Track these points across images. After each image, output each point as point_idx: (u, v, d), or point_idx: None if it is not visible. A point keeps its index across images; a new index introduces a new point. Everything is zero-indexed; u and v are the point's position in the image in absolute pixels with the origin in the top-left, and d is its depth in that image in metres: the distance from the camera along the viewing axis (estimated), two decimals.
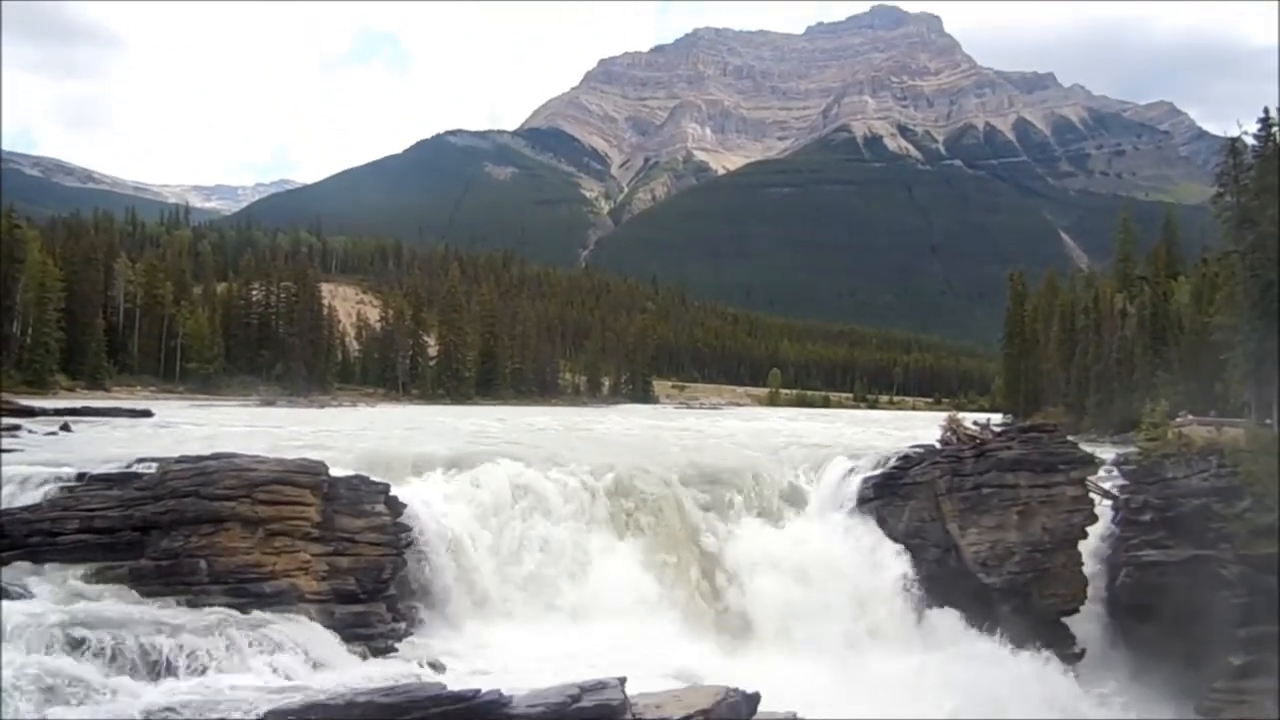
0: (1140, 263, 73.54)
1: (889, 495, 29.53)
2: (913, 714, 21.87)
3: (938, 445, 31.66)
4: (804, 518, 29.21)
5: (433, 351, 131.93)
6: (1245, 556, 26.58)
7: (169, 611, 17.35)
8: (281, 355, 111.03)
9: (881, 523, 28.97)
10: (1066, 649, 27.69)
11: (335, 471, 21.58)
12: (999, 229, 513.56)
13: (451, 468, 26.09)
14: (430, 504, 23.29)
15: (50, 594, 17.60)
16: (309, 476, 20.47)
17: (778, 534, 27.99)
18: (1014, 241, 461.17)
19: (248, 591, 18.67)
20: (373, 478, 22.33)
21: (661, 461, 29.96)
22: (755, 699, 17.86)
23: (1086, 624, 28.43)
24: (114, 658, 15.33)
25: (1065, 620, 28.09)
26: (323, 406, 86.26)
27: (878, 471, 30.30)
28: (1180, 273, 67.32)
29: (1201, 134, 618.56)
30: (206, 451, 21.46)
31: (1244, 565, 26.36)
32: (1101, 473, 31.88)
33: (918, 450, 31.31)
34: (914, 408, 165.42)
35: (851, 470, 30.77)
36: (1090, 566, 28.93)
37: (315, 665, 17.05)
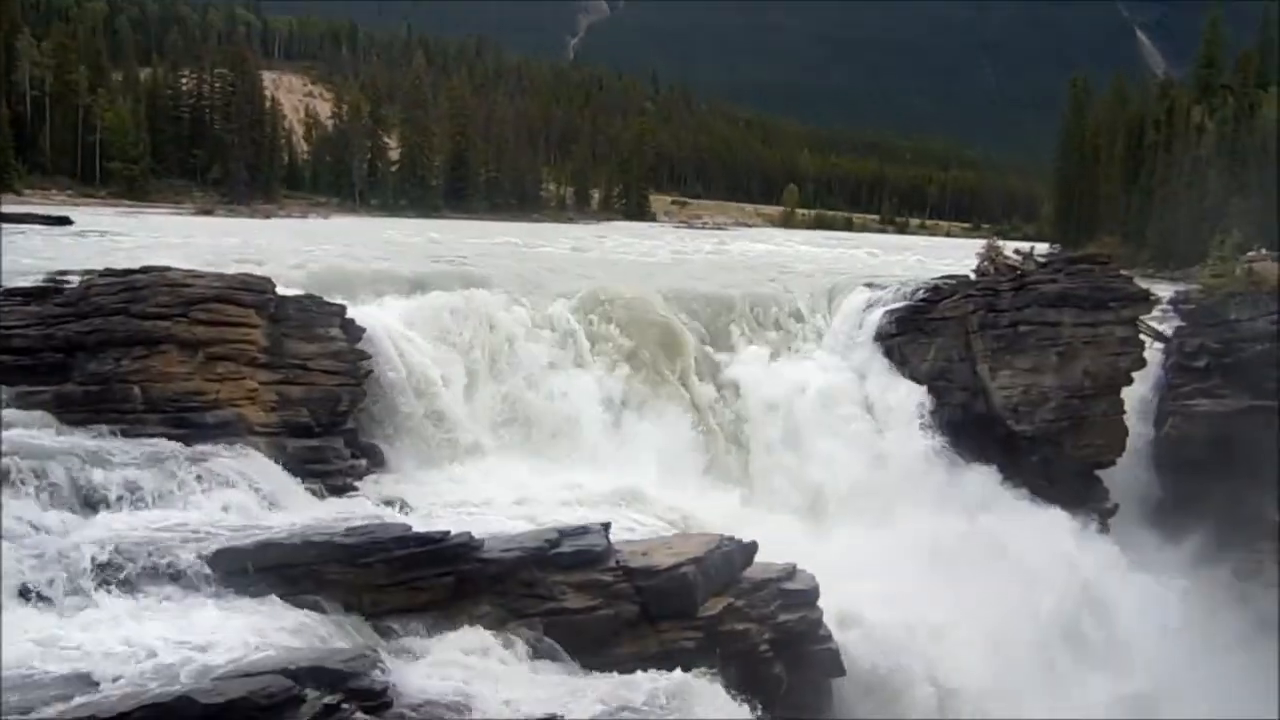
0: (1227, 71, 71.68)
1: (913, 331, 29.83)
2: (928, 575, 22.88)
3: (972, 276, 31.77)
4: (817, 353, 29.62)
5: (394, 155, 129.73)
6: None
7: (101, 442, 17.66)
8: (218, 156, 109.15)
9: (903, 362, 29.41)
10: (1100, 504, 28.73)
11: (284, 290, 21.59)
12: (1065, 25, 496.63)
13: (416, 289, 26.15)
14: (393, 329, 23.45)
15: None
16: (253, 295, 20.48)
17: (786, 370, 28.44)
18: (1082, 41, 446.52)
19: (188, 422, 18.98)
20: (327, 298, 22.39)
21: (655, 287, 30.03)
22: (751, 548, 18.68)
23: (1123, 478, 29.35)
24: (41, 491, 15.67)
25: (1100, 473, 28.99)
26: (268, 217, 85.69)
27: (901, 304, 30.48)
28: (1273, 82, 65.72)
29: None
30: (135, 265, 21.37)
31: None
32: (1156, 312, 32.21)
33: (948, 281, 31.42)
34: (949, 233, 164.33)
35: (872, 302, 30.97)
36: (1133, 416, 29.60)
37: (267, 503, 17.57)
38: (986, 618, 21.72)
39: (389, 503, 19.77)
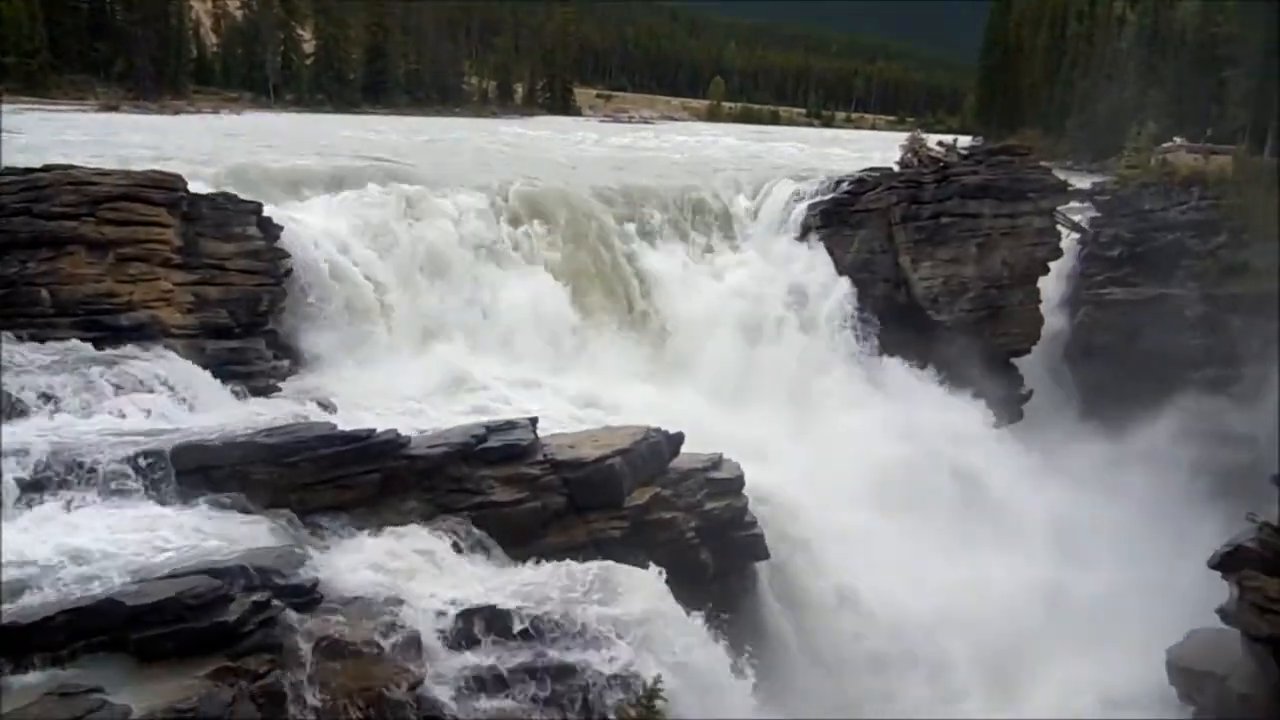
0: None
1: (837, 224, 30.09)
2: (849, 464, 23.54)
3: (896, 168, 31.98)
4: (742, 247, 29.75)
5: (309, 48, 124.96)
6: (1212, 296, 28.24)
7: (10, 347, 17.21)
8: (122, 49, 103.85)
9: (827, 253, 29.67)
10: (1015, 391, 29.66)
11: (196, 188, 21.01)
12: None
13: (335, 187, 25.55)
14: (311, 227, 22.98)
15: None
16: (164, 193, 19.90)
17: (711, 263, 28.57)
18: None
19: (102, 325, 18.55)
20: (242, 196, 21.82)
21: (579, 180, 29.75)
22: (678, 439, 18.98)
23: (1037, 365, 30.24)
24: None
25: (1015, 361, 29.83)
26: (177, 113, 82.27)
27: (826, 197, 30.68)
28: None
29: None
30: (37, 163, 20.57)
31: (1209, 305, 28.03)
32: (1073, 203, 32.82)
33: (872, 174, 31.62)
34: (874, 126, 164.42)
35: (797, 194, 31.06)
36: (1048, 305, 30.38)
37: (188, 406, 17.33)
38: (894, 501, 22.52)
39: (315, 403, 19.62)
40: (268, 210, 21.96)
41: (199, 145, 38.79)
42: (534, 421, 17.75)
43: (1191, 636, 19.95)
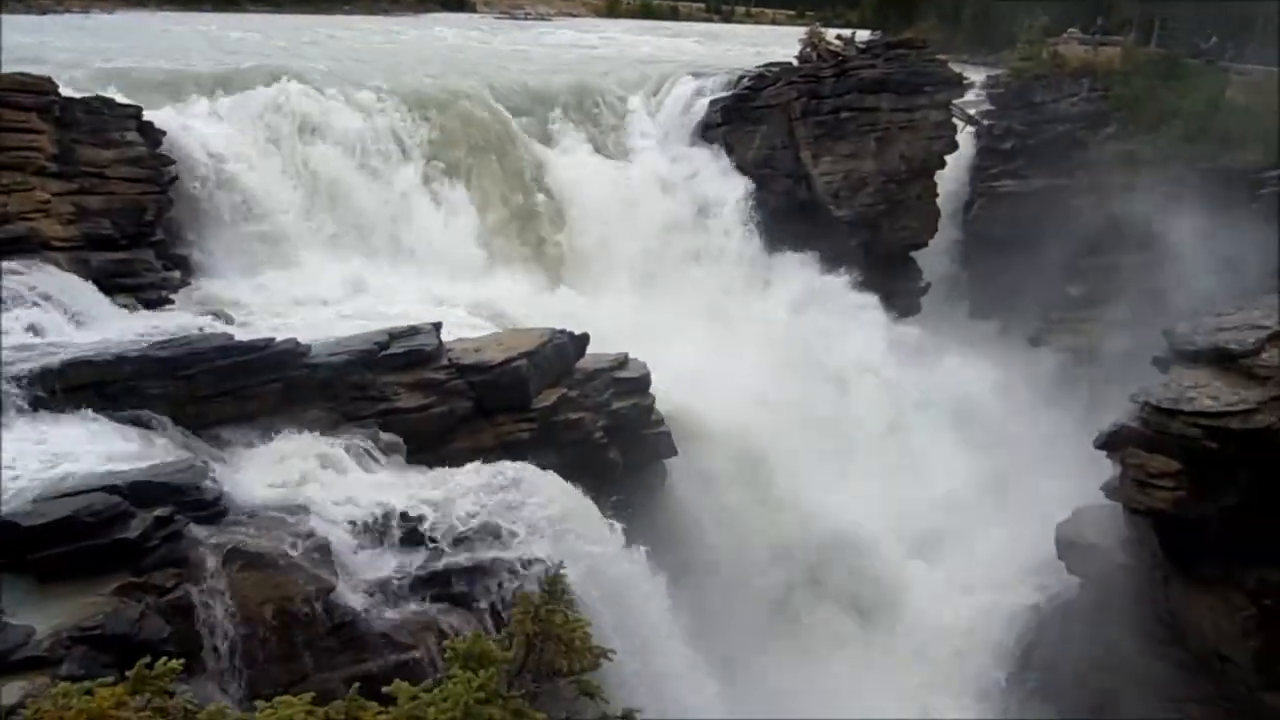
0: None
1: (738, 120, 29.95)
2: (755, 360, 23.88)
3: (795, 63, 31.81)
4: (643, 145, 29.44)
5: None
6: (1100, 186, 28.95)
7: None
8: None
9: (729, 151, 29.61)
10: (913, 284, 30.26)
11: (68, 91, 19.90)
12: None
13: (218, 89, 24.41)
14: (195, 132, 22.02)
15: None
16: (33, 96, 18.81)
17: (614, 163, 28.27)
18: None
19: None
20: (119, 99, 20.76)
21: (477, 80, 28.92)
22: (583, 340, 18.99)
23: (934, 258, 30.84)
24: None
25: (914, 254, 30.36)
26: (44, 12, 77.51)
27: (727, 93, 30.44)
28: None
29: None
30: None
31: (1096, 194, 28.76)
32: (969, 96, 33.13)
33: (772, 69, 31.43)
34: (774, 22, 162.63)
35: (697, 92, 30.77)
36: (944, 198, 30.85)
37: (75, 320, 16.68)
38: (796, 392, 23.02)
39: (210, 314, 19.02)
40: (148, 114, 20.96)
41: (70, 45, 36.62)
42: (437, 327, 17.55)
43: (1078, 512, 20.96)
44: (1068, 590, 20.68)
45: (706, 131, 29.80)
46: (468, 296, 21.59)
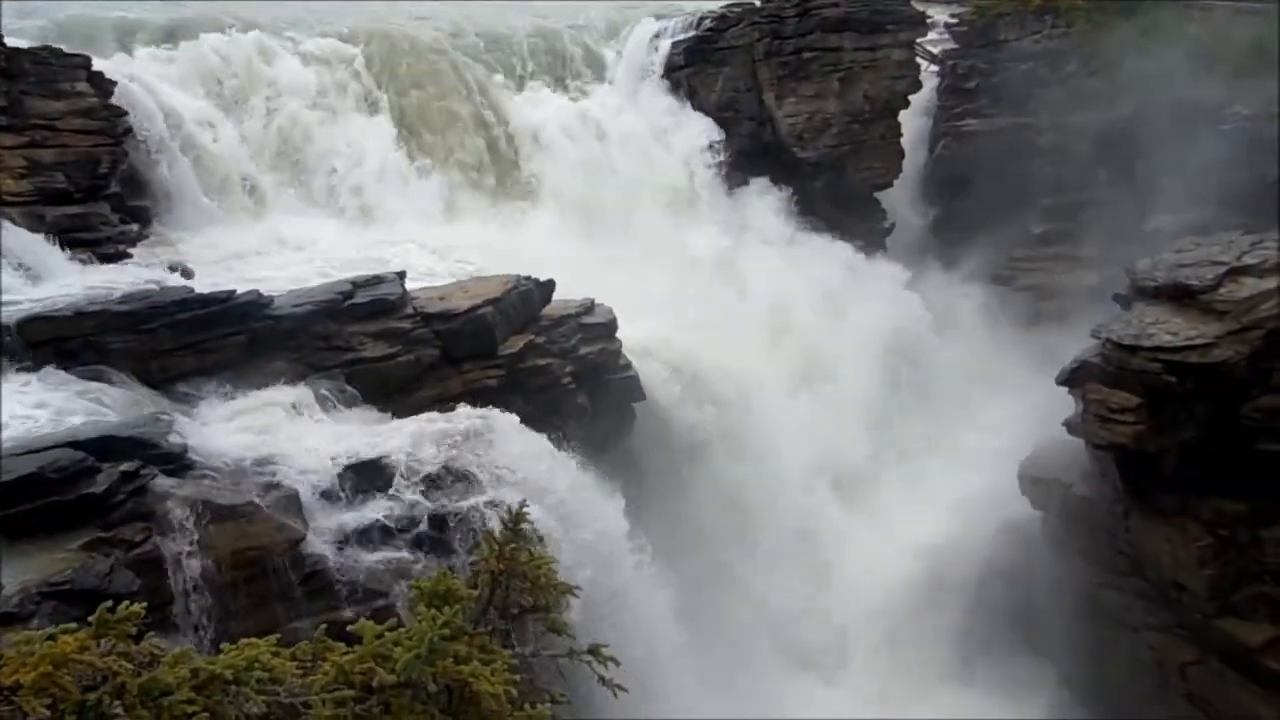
0: None
1: (701, 62, 29.66)
2: (719, 300, 23.96)
3: (757, 3, 31.48)
4: (606, 90, 29.18)
5: None
6: (1061, 124, 29.00)
7: None
8: None
9: (692, 93, 29.38)
10: (878, 224, 30.33)
11: (12, 41, 19.44)
12: None
13: (170, 37, 23.88)
14: (146, 81, 21.58)
15: None
16: None
17: (576, 107, 28.01)
18: None
19: None
20: (66, 49, 20.30)
21: (433, 24, 28.43)
22: (549, 286, 18.97)
23: (900, 198, 30.90)
24: None
25: (879, 195, 30.39)
26: None
27: (689, 35, 30.09)
28: None
29: None
30: None
31: (1059, 133, 28.82)
32: (933, 35, 32.98)
33: (734, 10, 31.04)
34: None
35: (659, 33, 30.42)
36: (909, 138, 30.83)
37: (31, 276, 16.44)
38: (762, 335, 23.20)
39: (169, 268, 18.81)
40: (98, 65, 20.51)
41: None
42: (401, 275, 17.45)
43: (1040, 448, 21.31)
44: (1030, 524, 21.09)
45: (669, 74, 29.52)
46: (430, 243, 21.44)
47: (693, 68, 29.59)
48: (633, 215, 26.59)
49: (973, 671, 21.12)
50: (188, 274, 18.47)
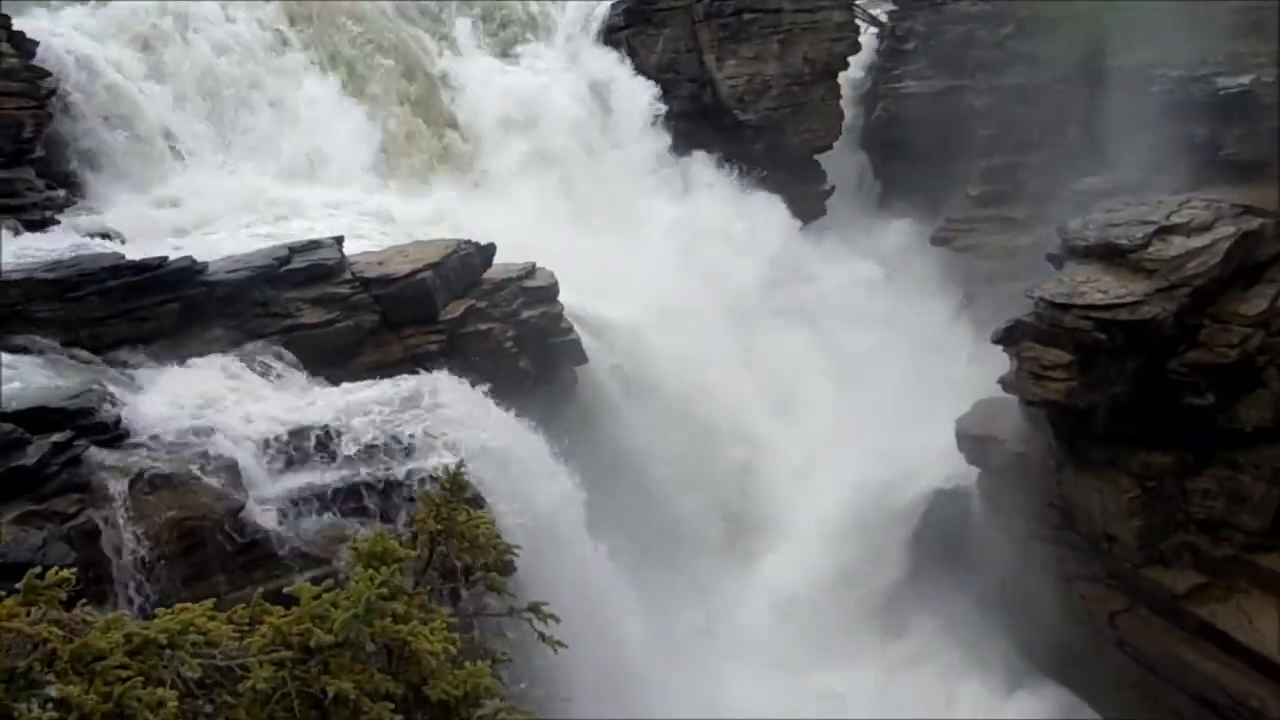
0: None
1: (641, 23, 29.39)
2: (654, 259, 23.98)
3: None
4: (544, 49, 28.85)
5: None
6: (998, 86, 29.24)
7: None
8: None
9: (632, 54, 29.16)
10: (818, 187, 30.47)
11: None
12: None
13: None
14: (69, 40, 20.94)
15: None
16: None
17: (515, 68, 27.72)
18: None
19: None
20: None
21: None
22: (490, 250, 18.88)
23: (839, 161, 31.05)
24: None
25: (818, 157, 30.51)
26: None
27: None
28: None
29: None
30: None
31: (995, 95, 29.07)
32: None
33: None
34: None
35: None
36: (848, 100, 30.94)
37: None
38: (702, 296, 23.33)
39: (99, 234, 18.35)
40: (19, 24, 19.86)
41: None
42: (339, 240, 17.25)
43: (977, 406, 21.72)
44: (966, 480, 21.54)
45: (609, 35, 29.26)
46: (369, 209, 21.16)
47: (633, 29, 29.34)
48: (574, 179, 26.43)
49: (908, 623, 21.69)
50: (118, 240, 18.06)
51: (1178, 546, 18.91)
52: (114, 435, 12.81)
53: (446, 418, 14.40)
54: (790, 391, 24.12)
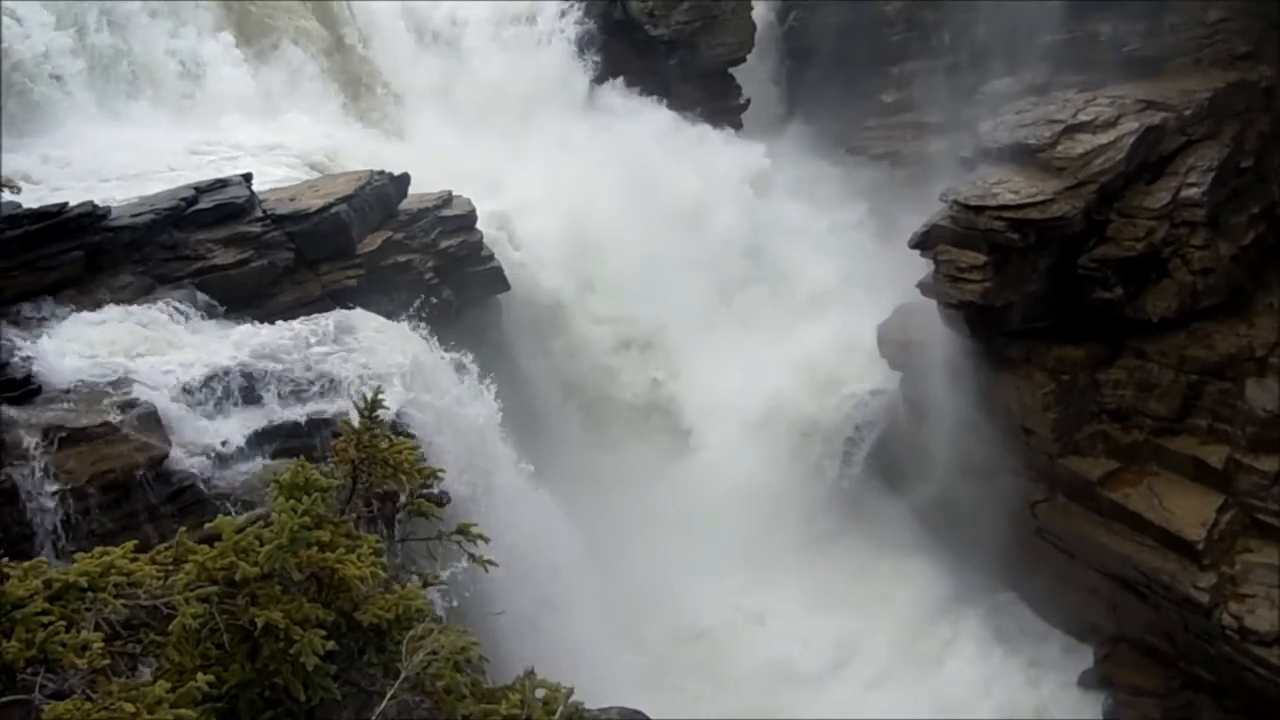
0: None
1: None
2: (575, 179, 23.73)
3: None
4: None
5: None
6: None
7: None
8: None
9: None
10: (733, 101, 30.29)
11: None
12: None
13: None
14: None
15: None
16: None
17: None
18: None
19: None
20: None
21: None
22: (404, 181, 18.58)
23: (751, 74, 30.85)
24: None
25: (732, 70, 30.28)
26: None
27: None
28: None
29: None
30: None
31: (905, 1, 29.02)
32: None
33: None
34: None
35: None
36: (759, 11, 30.65)
37: None
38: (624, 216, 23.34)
39: (5, 186, 17.53)
40: None
41: None
42: (248, 178, 16.76)
43: (897, 311, 22.14)
44: (890, 383, 22.02)
45: None
46: (272, 144, 20.52)
47: None
48: (487, 101, 25.91)
49: (846, 525, 22.29)
50: (15, 190, 17.36)
51: (1091, 436, 19.65)
52: (25, 391, 12.45)
53: (369, 352, 14.26)
54: (708, 293, 24.34)
